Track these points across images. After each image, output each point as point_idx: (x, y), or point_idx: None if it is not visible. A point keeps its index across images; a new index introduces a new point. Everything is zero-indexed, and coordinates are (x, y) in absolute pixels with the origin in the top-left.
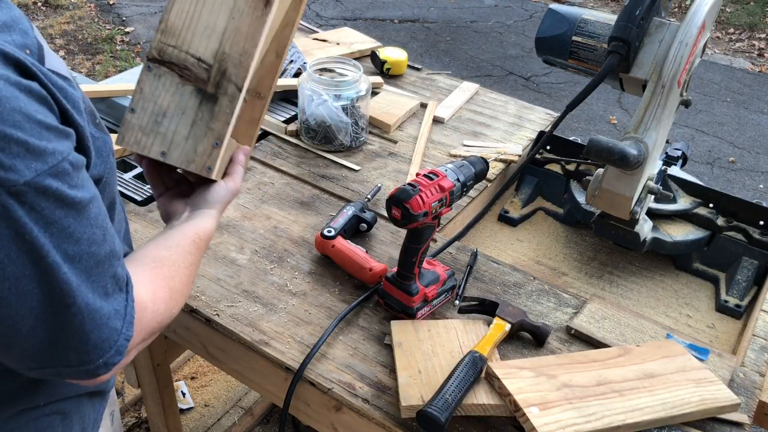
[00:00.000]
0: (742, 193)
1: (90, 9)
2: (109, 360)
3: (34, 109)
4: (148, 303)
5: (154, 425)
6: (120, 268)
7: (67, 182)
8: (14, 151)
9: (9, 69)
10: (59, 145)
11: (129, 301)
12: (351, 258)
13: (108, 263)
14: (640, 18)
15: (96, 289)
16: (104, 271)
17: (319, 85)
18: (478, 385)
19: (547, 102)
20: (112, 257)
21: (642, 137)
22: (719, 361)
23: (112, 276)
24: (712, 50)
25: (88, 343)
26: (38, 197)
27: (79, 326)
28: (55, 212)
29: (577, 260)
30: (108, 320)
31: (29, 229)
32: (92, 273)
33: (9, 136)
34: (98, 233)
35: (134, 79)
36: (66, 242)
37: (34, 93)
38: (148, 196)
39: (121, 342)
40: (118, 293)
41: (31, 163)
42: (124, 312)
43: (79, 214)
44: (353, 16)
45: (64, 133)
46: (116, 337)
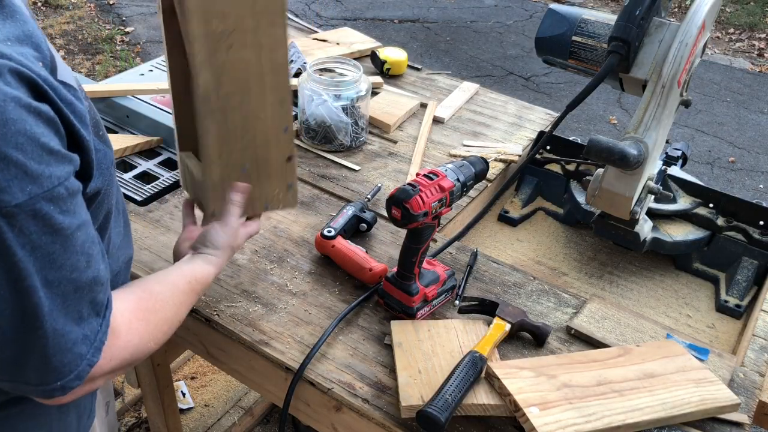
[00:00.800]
0: (742, 193)
1: (90, 9)
2: (66, 384)
3: (39, 132)
4: (122, 331)
5: (154, 425)
6: (101, 294)
7: (59, 207)
8: (12, 172)
9: (21, 89)
10: (57, 170)
11: (102, 327)
12: (351, 258)
13: (88, 289)
14: (640, 18)
15: (69, 314)
16: (82, 296)
17: (319, 85)
18: (478, 385)
19: (547, 102)
20: (94, 284)
21: (642, 137)
22: (719, 361)
23: (90, 301)
24: (712, 50)
25: (48, 366)
26: (28, 220)
27: (43, 349)
28: (42, 237)
29: (577, 260)
30: (74, 345)
31: (13, 252)
32: (69, 298)
33: (9, 158)
34: (82, 260)
35: (134, 79)
36: (48, 268)
37: (42, 115)
38: (148, 196)
39: (83, 367)
40: (93, 318)
41: (26, 186)
42: (93, 338)
43: (66, 241)
44: (353, 16)
45: (65, 158)
46: (79, 362)
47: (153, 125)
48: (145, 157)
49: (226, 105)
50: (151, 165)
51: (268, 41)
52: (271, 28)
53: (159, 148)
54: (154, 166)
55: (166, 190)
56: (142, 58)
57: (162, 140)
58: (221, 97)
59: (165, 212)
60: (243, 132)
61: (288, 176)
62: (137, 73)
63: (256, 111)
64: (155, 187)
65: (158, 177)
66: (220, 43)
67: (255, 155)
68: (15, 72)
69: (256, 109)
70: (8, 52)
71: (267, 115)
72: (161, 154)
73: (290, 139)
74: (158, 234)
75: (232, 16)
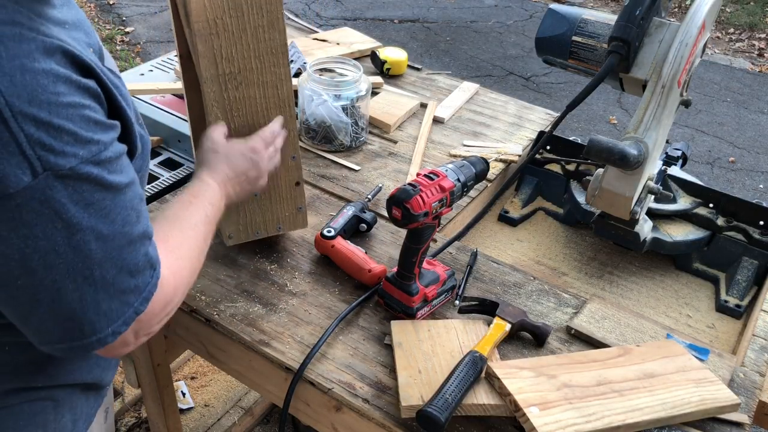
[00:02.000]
0: (742, 193)
1: (90, 9)
2: (116, 329)
3: (86, 104)
4: (169, 282)
5: (154, 425)
6: (153, 248)
7: (108, 168)
8: (65, 140)
9: (70, 67)
10: (104, 137)
11: (153, 279)
12: (350, 259)
13: (140, 242)
14: (640, 18)
15: (124, 266)
16: (136, 249)
17: (319, 85)
18: (478, 385)
19: (547, 102)
20: (145, 237)
21: (642, 137)
22: (719, 361)
23: (144, 254)
24: (712, 50)
25: (99, 312)
26: (81, 181)
27: (92, 297)
28: (95, 195)
29: (577, 260)
30: (122, 294)
31: (68, 209)
32: (123, 250)
33: (62, 128)
34: (132, 215)
35: (134, 79)
36: (102, 222)
37: (90, 91)
38: (148, 196)
39: (129, 314)
40: (147, 270)
41: (78, 150)
42: (143, 288)
43: (116, 197)
44: (353, 16)
45: (109, 126)
46: (126, 309)
47: (153, 125)
48: None
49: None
50: (151, 165)
51: (272, 79)
52: (274, 68)
53: (159, 148)
54: (154, 166)
55: (166, 190)
56: (142, 58)
57: (162, 140)
58: (231, 132)
59: None
60: None
61: (297, 200)
62: (137, 73)
63: None
64: (155, 187)
65: (158, 177)
66: (228, 83)
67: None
68: (66, 53)
69: None
70: (63, 36)
71: None
72: (161, 154)
73: (298, 166)
74: None
75: (238, 59)
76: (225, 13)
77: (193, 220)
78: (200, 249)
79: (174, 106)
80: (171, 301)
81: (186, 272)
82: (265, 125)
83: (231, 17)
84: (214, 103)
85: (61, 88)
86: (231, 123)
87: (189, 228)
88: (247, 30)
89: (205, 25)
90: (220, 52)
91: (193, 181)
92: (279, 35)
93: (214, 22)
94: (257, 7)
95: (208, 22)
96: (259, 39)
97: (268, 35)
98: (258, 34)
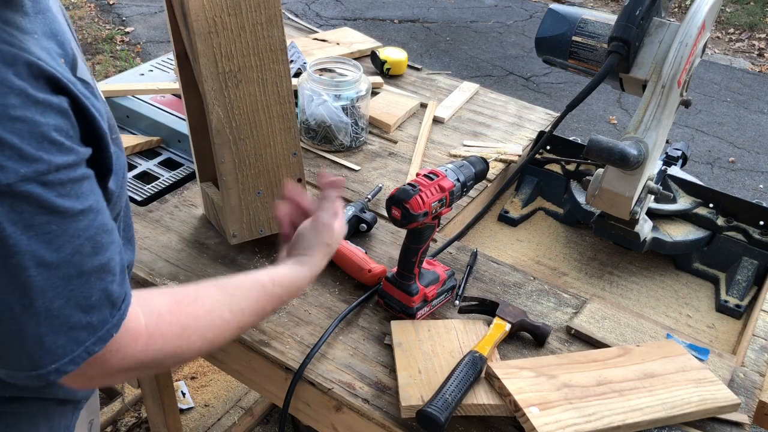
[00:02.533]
0: (742, 193)
1: (90, 9)
2: (61, 367)
3: (42, 121)
4: (143, 332)
5: (154, 425)
6: (115, 285)
7: (57, 191)
8: (6, 154)
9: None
10: (57, 158)
11: (114, 320)
12: (350, 259)
13: (96, 276)
14: (640, 18)
15: (72, 298)
16: (90, 282)
17: (319, 85)
18: (478, 385)
19: (547, 102)
20: (103, 272)
21: (642, 137)
22: (719, 361)
23: (101, 290)
24: (712, 50)
25: (42, 347)
26: (19, 200)
27: (36, 328)
28: (36, 217)
29: (577, 260)
30: (71, 330)
31: (3, 228)
32: (72, 282)
33: (5, 141)
34: (87, 245)
35: (134, 79)
36: (44, 248)
37: (53, 107)
38: (148, 196)
39: (79, 353)
40: (106, 308)
41: (20, 168)
42: (100, 328)
43: (65, 223)
44: (353, 16)
45: (69, 150)
46: (75, 347)
47: (153, 125)
48: (145, 157)
49: (238, 136)
50: (151, 165)
51: (272, 76)
52: (274, 65)
53: (159, 148)
54: (154, 166)
55: (166, 190)
56: (142, 58)
57: (162, 140)
58: (233, 129)
59: (165, 212)
60: (255, 159)
61: None
62: (137, 73)
63: (266, 139)
64: (155, 187)
65: (158, 177)
66: (228, 81)
67: (268, 179)
68: (31, 65)
69: (265, 138)
70: (31, 45)
71: (276, 142)
72: (161, 154)
73: (299, 163)
74: (158, 234)
75: (238, 57)
76: (224, 12)
77: (241, 305)
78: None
79: (174, 106)
80: (141, 359)
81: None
82: (265, 122)
83: (230, 15)
84: (215, 101)
85: (13, 100)
86: (232, 121)
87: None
88: (246, 28)
89: (204, 24)
90: (220, 50)
91: (286, 269)
92: (278, 32)
93: (213, 21)
94: (255, 4)
95: (207, 20)
96: (258, 36)
97: (267, 32)
98: (257, 32)
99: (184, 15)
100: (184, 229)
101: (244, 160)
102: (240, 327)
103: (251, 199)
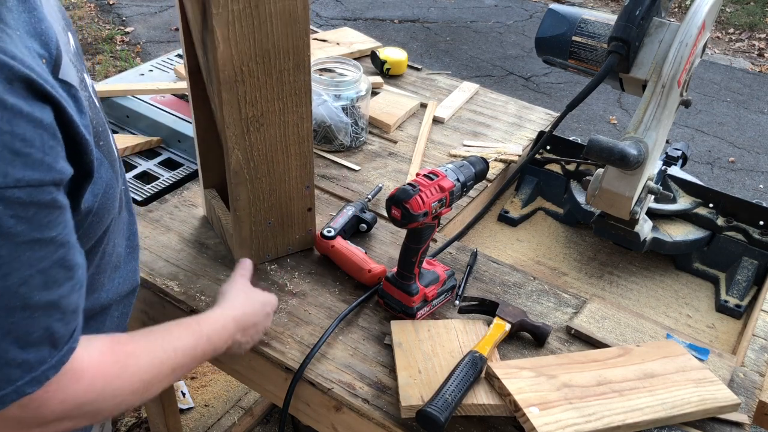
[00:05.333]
0: (742, 193)
1: (90, 9)
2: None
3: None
4: (86, 375)
5: (154, 425)
6: (61, 324)
7: (14, 211)
8: None
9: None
10: (18, 172)
11: (53, 360)
12: (350, 259)
13: (42, 313)
14: (640, 18)
15: (11, 332)
16: (32, 318)
17: (319, 85)
18: (478, 385)
19: (547, 102)
20: (51, 308)
21: (642, 137)
22: (719, 361)
23: (45, 328)
24: (712, 50)
25: None
26: None
27: None
28: None
29: (577, 260)
30: (4, 366)
31: None
32: (13, 315)
33: None
34: (37, 278)
35: (134, 79)
36: None
37: (22, 115)
38: (148, 196)
39: (7, 392)
40: (45, 347)
41: None
42: (36, 368)
43: (15, 250)
44: (353, 16)
45: (39, 165)
46: (5, 386)
47: (153, 125)
48: (145, 157)
49: (255, 175)
50: (151, 165)
51: (294, 118)
52: (297, 108)
53: (159, 148)
54: (154, 166)
55: (166, 190)
56: (142, 58)
57: (162, 140)
58: (251, 170)
59: (165, 212)
60: (269, 194)
61: (308, 224)
62: (137, 73)
63: (282, 175)
64: (155, 187)
65: (158, 177)
66: (250, 126)
67: (280, 211)
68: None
69: (281, 174)
70: (6, 45)
71: (291, 177)
72: (161, 154)
73: (312, 195)
74: (158, 234)
75: (262, 102)
76: (251, 60)
77: (174, 344)
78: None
79: (174, 106)
80: (82, 402)
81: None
82: (283, 161)
83: (257, 63)
84: (235, 146)
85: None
86: (251, 162)
87: (162, 349)
88: (272, 74)
89: (230, 74)
90: (245, 97)
91: (209, 312)
92: (304, 77)
93: (240, 70)
94: (284, 51)
95: (234, 70)
96: (284, 82)
97: (294, 78)
98: (283, 78)
99: (209, 65)
100: (184, 229)
101: (259, 195)
102: (173, 369)
103: (261, 229)
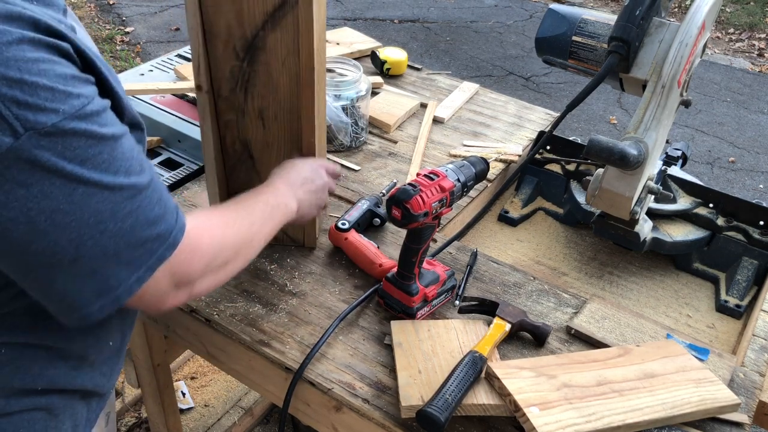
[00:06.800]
0: (742, 193)
1: (90, 9)
2: (141, 276)
3: (57, 61)
4: (202, 230)
5: (154, 425)
6: (168, 198)
7: (97, 122)
8: (42, 96)
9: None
10: (84, 90)
11: (178, 223)
12: (362, 252)
13: (150, 190)
14: (640, 18)
15: (140, 215)
16: (148, 197)
17: None
18: (478, 385)
19: (547, 102)
20: (155, 184)
21: (642, 137)
22: (719, 361)
23: (158, 200)
24: (712, 50)
25: (120, 263)
26: (69, 137)
27: (113, 250)
28: (89, 150)
29: (577, 260)
30: (144, 243)
31: (62, 166)
32: (135, 200)
33: (36, 83)
34: (135, 165)
35: (134, 79)
36: (103, 175)
37: (60, 50)
38: None
39: (152, 261)
40: (168, 215)
41: (59, 106)
42: (167, 235)
43: (114, 149)
44: (353, 16)
45: (86, 81)
46: (148, 257)
47: (153, 125)
48: None
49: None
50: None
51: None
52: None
53: (159, 148)
54: (155, 166)
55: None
56: (142, 58)
57: (162, 140)
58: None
59: None
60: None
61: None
62: (137, 73)
63: None
64: None
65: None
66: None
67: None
68: (31, 20)
69: None
70: (31, 8)
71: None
72: (161, 154)
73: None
74: None
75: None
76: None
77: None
78: (248, 233)
79: (174, 106)
80: (214, 253)
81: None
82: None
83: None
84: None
85: (26, 46)
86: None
87: (244, 215)
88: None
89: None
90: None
91: (263, 185)
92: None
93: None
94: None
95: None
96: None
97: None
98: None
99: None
100: None
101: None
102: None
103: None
